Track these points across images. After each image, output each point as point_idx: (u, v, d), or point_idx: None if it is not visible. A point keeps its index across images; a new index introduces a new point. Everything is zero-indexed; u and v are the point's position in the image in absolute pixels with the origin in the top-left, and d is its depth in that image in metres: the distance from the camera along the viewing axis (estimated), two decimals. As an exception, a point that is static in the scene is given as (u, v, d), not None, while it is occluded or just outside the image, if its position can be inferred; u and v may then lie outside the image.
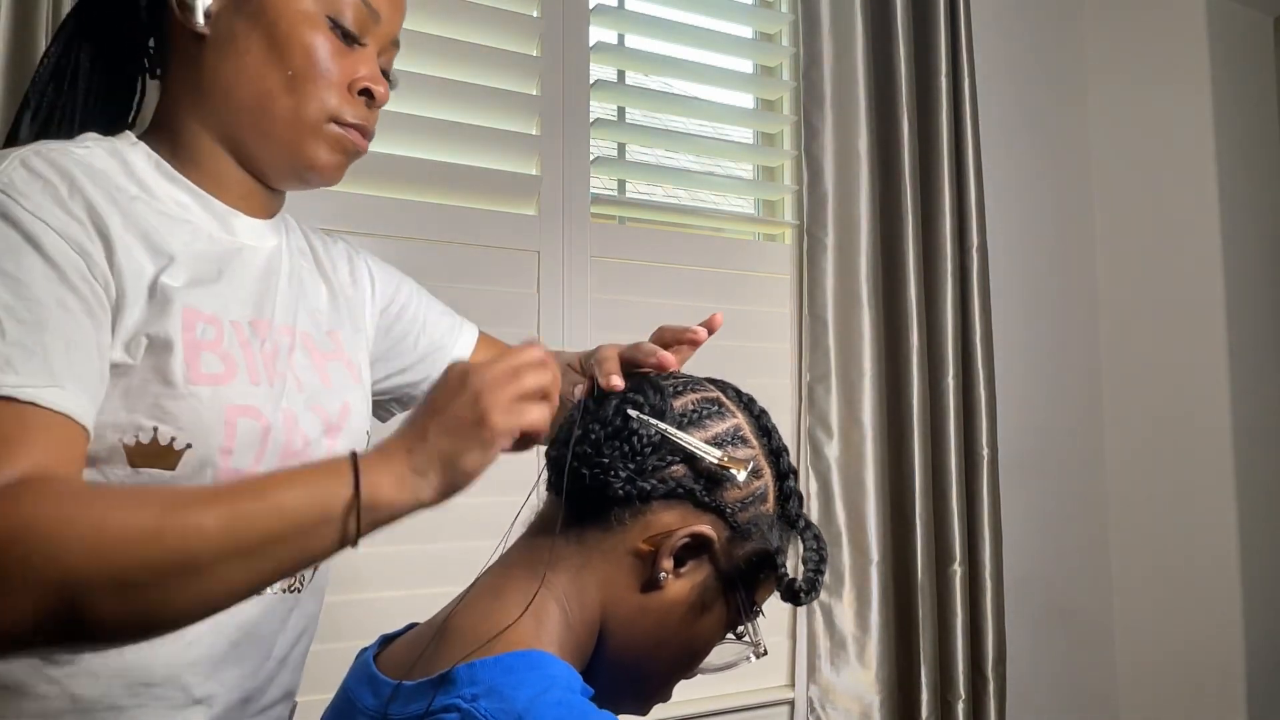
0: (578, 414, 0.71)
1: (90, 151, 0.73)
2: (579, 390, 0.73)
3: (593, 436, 0.67)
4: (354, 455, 0.62)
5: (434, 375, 0.97)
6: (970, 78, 1.86)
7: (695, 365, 0.81)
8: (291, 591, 0.80)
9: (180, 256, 0.73)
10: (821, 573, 0.68)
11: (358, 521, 0.60)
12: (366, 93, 0.81)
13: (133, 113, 0.87)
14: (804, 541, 0.70)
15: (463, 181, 1.51)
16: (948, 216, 1.81)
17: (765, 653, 0.71)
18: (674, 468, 0.66)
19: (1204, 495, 2.02)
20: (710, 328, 0.82)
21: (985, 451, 1.81)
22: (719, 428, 0.68)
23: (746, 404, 0.73)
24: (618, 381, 0.70)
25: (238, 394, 0.72)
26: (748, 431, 0.70)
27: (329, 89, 0.78)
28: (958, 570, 1.76)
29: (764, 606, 0.72)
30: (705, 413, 0.69)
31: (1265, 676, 1.99)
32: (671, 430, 0.66)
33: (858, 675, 1.67)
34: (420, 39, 1.48)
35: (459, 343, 1.04)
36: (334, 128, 0.79)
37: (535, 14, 1.60)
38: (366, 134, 0.83)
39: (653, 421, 0.66)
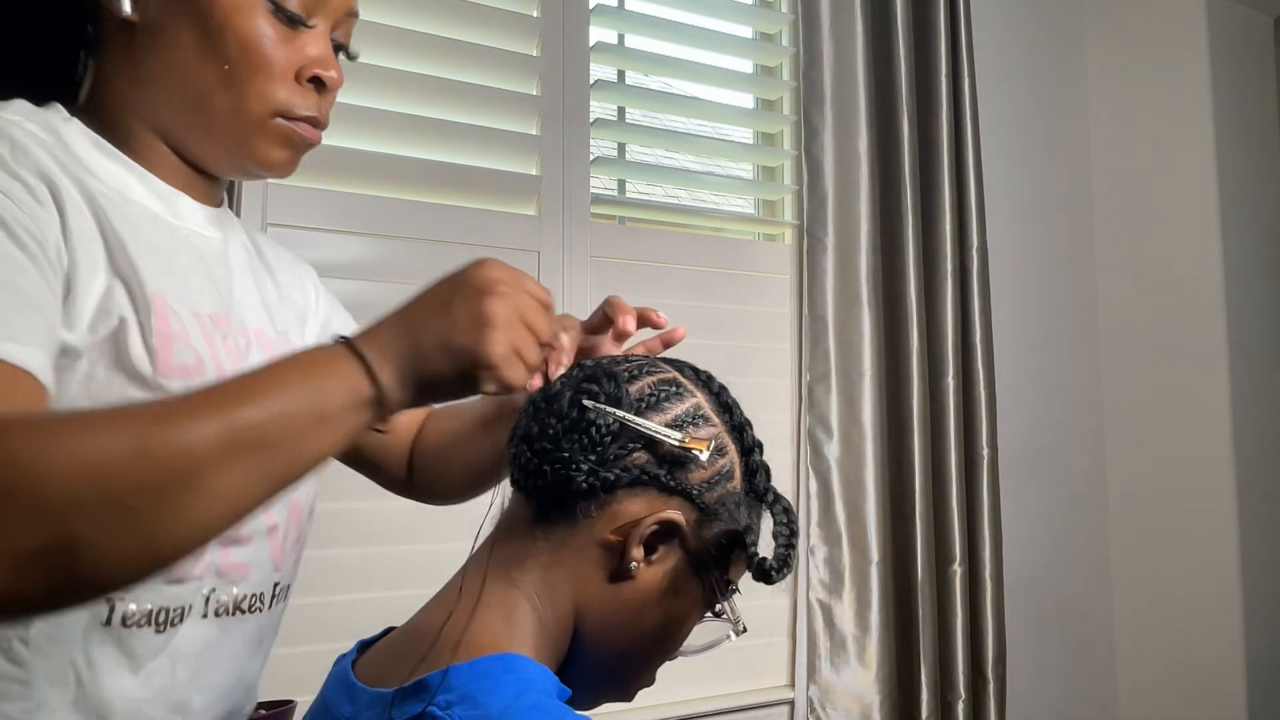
0: (528, 410, 0.69)
1: (23, 121, 0.67)
2: (533, 382, 0.70)
3: (551, 431, 0.66)
4: (351, 346, 0.57)
5: None
6: (970, 78, 1.86)
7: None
8: (253, 612, 0.76)
9: (133, 240, 0.67)
10: (793, 547, 0.67)
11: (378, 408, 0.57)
12: (316, 80, 0.74)
13: (80, 91, 0.77)
14: (774, 515, 0.69)
15: (463, 181, 1.51)
16: (948, 216, 1.81)
17: (745, 630, 0.70)
18: (636, 454, 0.65)
19: (1204, 495, 2.02)
20: (672, 339, 0.80)
21: (985, 451, 1.81)
22: (678, 409, 0.67)
23: (705, 381, 0.71)
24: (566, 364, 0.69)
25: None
26: (708, 409, 0.69)
27: (272, 81, 0.71)
28: (958, 570, 1.76)
29: (761, 604, 0.72)
30: (663, 395, 0.67)
31: (1265, 677, 1.99)
32: (629, 416, 0.64)
33: (858, 675, 1.67)
34: (420, 39, 1.48)
35: None
36: (280, 122, 0.73)
37: (535, 14, 1.60)
38: (319, 124, 0.76)
39: (609, 410, 0.65)
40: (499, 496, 0.71)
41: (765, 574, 0.66)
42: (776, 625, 1.72)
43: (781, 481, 1.72)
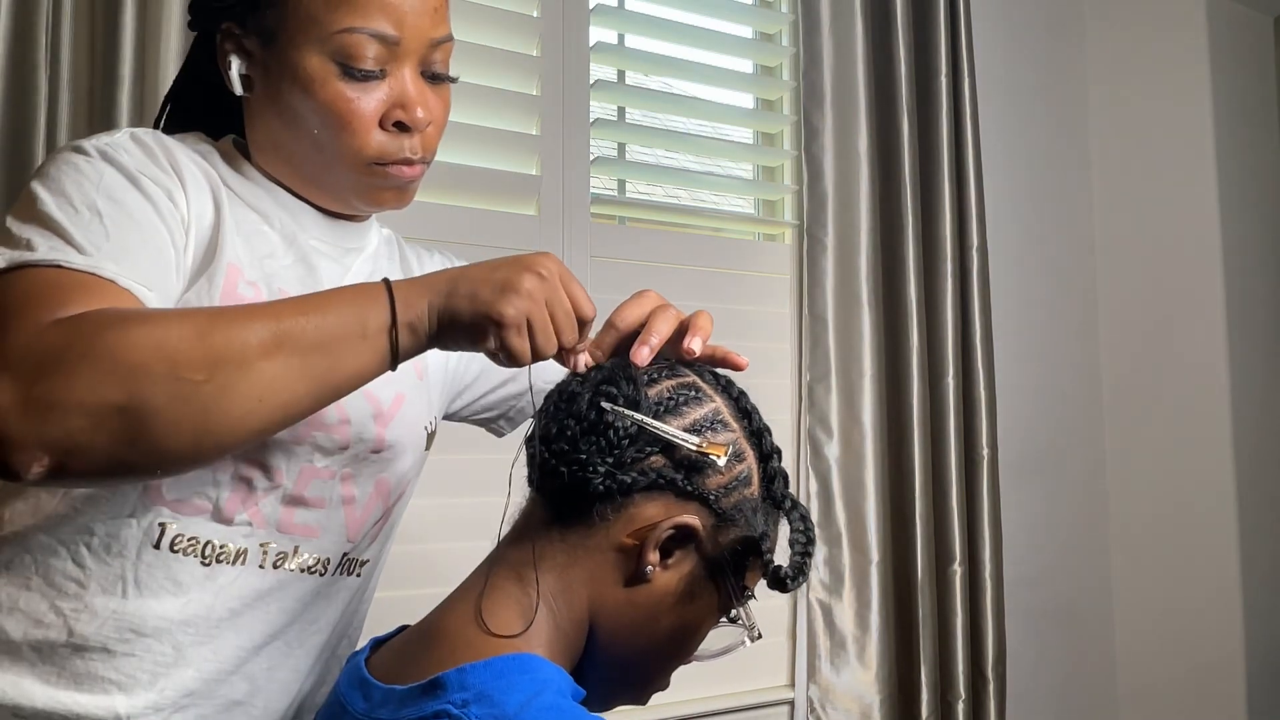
0: (546, 410, 0.70)
1: (184, 139, 0.80)
2: (583, 360, 0.71)
3: (569, 433, 0.66)
4: (387, 281, 0.67)
5: (539, 385, 0.88)
6: (970, 78, 1.86)
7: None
8: (310, 573, 0.79)
9: (239, 227, 0.77)
10: (809, 555, 0.67)
11: (395, 344, 0.66)
12: (401, 125, 0.79)
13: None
14: (791, 522, 0.69)
15: (463, 181, 1.51)
16: (948, 216, 1.81)
17: (760, 636, 0.70)
18: (653, 458, 0.65)
19: (1204, 495, 2.02)
20: (736, 365, 0.77)
21: (985, 451, 1.81)
22: (697, 413, 0.67)
23: (724, 387, 0.71)
24: (583, 364, 0.70)
25: None
26: (727, 415, 0.69)
27: (357, 136, 0.77)
28: (958, 570, 1.76)
29: (761, 604, 0.72)
30: (682, 399, 0.67)
31: (1265, 676, 1.99)
32: (647, 420, 0.64)
33: (858, 675, 1.67)
34: (420, 39, 1.48)
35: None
36: (377, 169, 0.79)
37: (535, 14, 1.60)
38: (414, 162, 0.81)
39: (627, 413, 0.65)
40: (513, 497, 0.71)
41: (780, 582, 0.65)
42: (776, 625, 1.72)
43: (781, 481, 1.73)
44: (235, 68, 0.78)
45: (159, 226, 0.71)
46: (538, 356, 0.67)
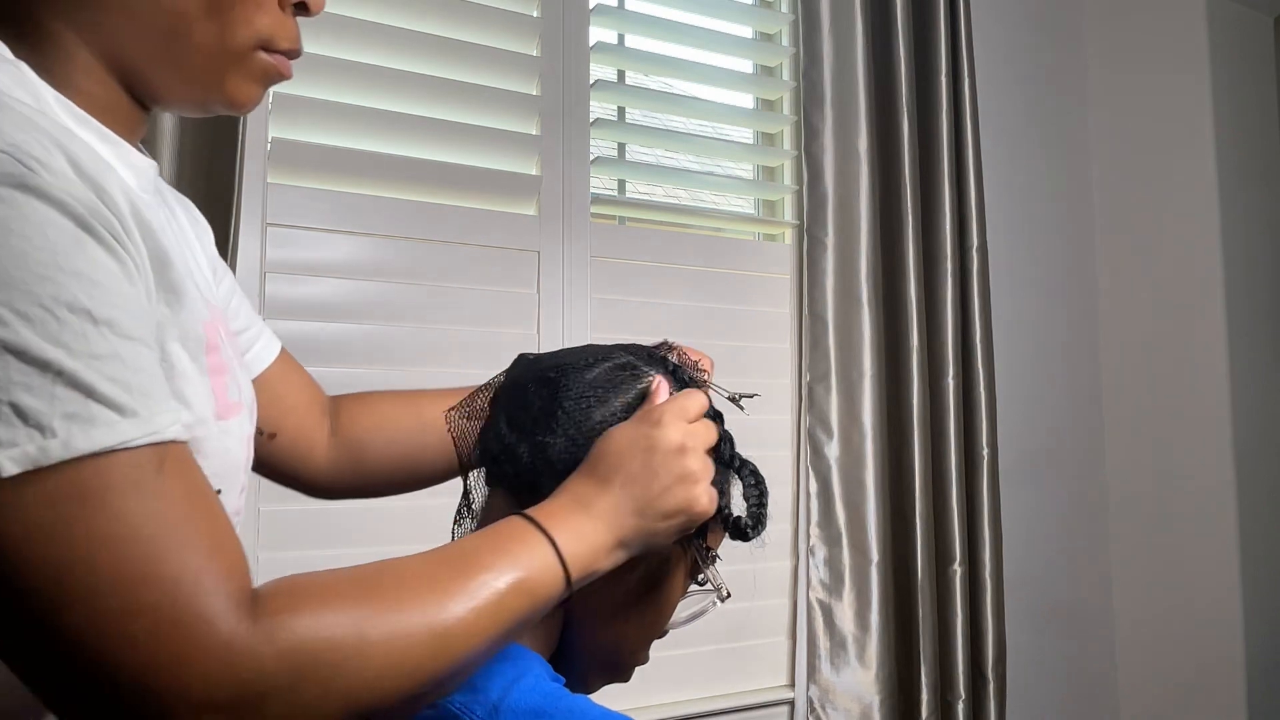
0: (494, 406, 0.71)
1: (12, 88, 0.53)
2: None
3: (520, 420, 0.68)
4: (553, 543, 0.59)
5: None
6: (970, 78, 1.86)
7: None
8: None
9: (159, 238, 0.56)
10: (764, 506, 0.69)
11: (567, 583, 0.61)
12: (301, 7, 0.64)
13: None
14: (742, 480, 0.70)
15: (463, 181, 1.52)
16: (948, 216, 1.81)
17: (729, 595, 0.71)
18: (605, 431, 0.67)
19: (1204, 495, 2.02)
20: None
21: (985, 451, 1.81)
22: (636, 389, 0.69)
23: (660, 360, 0.73)
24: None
25: (249, 420, 0.65)
26: (668, 386, 0.71)
27: (259, 8, 0.61)
28: (958, 570, 1.76)
29: (761, 604, 0.72)
30: (619, 379, 0.69)
31: (1265, 676, 1.99)
32: (714, 384, 0.70)
33: (858, 675, 1.67)
34: (420, 39, 1.48)
35: (265, 351, 0.86)
36: (262, 56, 0.62)
37: (535, 14, 1.60)
38: (296, 55, 0.65)
39: (577, 394, 0.67)
40: (479, 490, 0.72)
41: (741, 532, 0.67)
42: (776, 625, 1.72)
43: (781, 481, 1.73)
44: None
45: (144, 302, 0.50)
46: None
